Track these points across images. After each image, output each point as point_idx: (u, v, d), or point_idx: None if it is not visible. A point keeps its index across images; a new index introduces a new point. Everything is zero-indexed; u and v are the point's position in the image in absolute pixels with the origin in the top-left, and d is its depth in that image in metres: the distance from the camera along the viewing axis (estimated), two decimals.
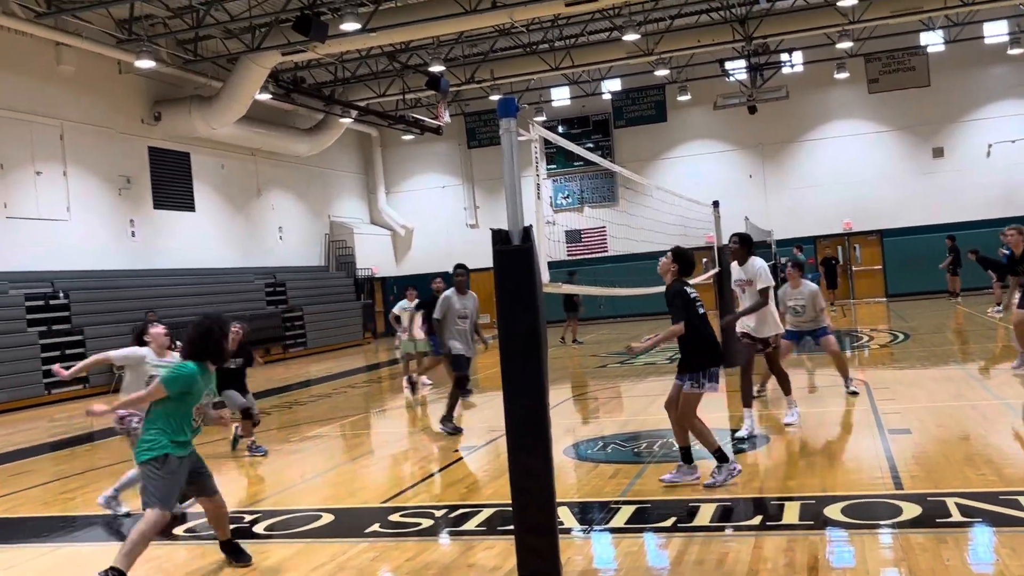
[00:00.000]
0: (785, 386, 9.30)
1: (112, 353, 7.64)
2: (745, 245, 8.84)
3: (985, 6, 24.58)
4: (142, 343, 7.62)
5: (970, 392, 10.73)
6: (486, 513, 6.71)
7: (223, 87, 23.49)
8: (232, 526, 6.05)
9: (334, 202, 33.04)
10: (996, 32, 28.53)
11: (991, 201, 28.50)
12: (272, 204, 29.30)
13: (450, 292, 10.61)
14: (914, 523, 5.65)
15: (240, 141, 26.70)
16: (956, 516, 5.70)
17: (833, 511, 6.01)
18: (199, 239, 25.56)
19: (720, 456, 6.92)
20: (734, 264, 8.96)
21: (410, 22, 21.01)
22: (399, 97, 29.22)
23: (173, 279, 23.49)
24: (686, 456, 7.13)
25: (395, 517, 6.88)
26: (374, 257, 33.56)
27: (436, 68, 25.34)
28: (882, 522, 5.73)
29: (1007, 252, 22.52)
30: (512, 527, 5.00)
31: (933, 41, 28.84)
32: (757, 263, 8.76)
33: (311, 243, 31.49)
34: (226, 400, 9.62)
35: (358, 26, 19.85)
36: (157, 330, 7.61)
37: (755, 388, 9.97)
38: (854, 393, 10.66)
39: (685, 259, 7.10)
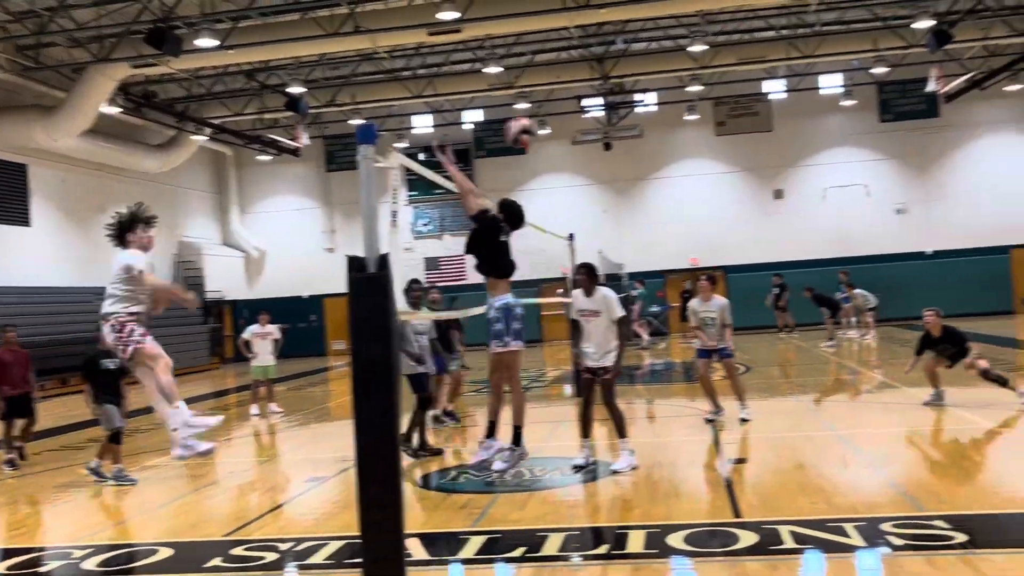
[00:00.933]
0: (620, 427, 8.87)
1: None
2: (591, 275, 8.97)
3: (822, 59, 26.27)
4: None
5: (805, 423, 11.30)
6: (334, 546, 6.57)
7: (67, 97, 22.36)
8: (59, 563, 5.70)
9: (184, 221, 31.89)
10: (832, 84, 30.50)
11: (826, 242, 30.30)
12: None
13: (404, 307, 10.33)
14: (750, 550, 5.88)
15: (84, 155, 25.45)
16: (789, 543, 5.97)
17: (676, 539, 6.19)
18: (35, 256, 24.15)
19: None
20: (577, 293, 9.03)
21: (269, 41, 20.65)
22: (256, 117, 28.62)
23: (4, 298, 22.08)
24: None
25: (238, 551, 6.64)
26: (225, 279, 32.54)
27: (296, 89, 24.96)
28: (720, 550, 5.95)
29: (842, 294, 24.15)
30: (360, 560, 4.91)
31: (775, 89, 30.53)
32: (607, 293, 8.93)
33: (158, 263, 30.22)
34: (103, 418, 9.07)
35: (215, 43, 19.36)
36: None
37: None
38: (745, 420, 10.98)
39: (511, 211, 8.02)
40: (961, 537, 5.80)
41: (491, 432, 7.74)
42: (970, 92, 28.50)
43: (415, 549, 6.29)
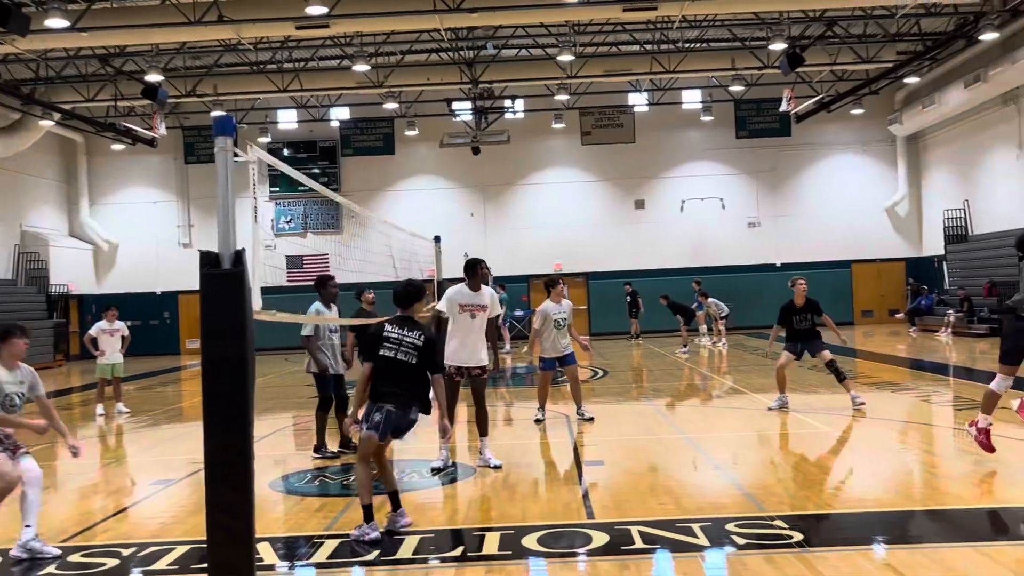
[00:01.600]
0: (485, 426, 9.06)
1: None
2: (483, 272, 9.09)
3: (684, 75, 27.21)
4: None
5: (657, 427, 11.64)
6: (180, 550, 6.35)
7: None
8: None
9: (28, 211, 30.13)
10: (692, 99, 31.62)
11: (683, 252, 31.37)
12: None
13: (318, 304, 9.90)
14: (603, 551, 6.01)
15: None
16: (639, 543, 6.13)
17: (530, 541, 6.27)
18: None
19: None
20: (462, 288, 8.99)
21: (127, 26, 19.80)
22: (110, 103, 27.36)
23: None
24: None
25: (76, 557, 6.32)
26: (72, 273, 30.93)
27: (154, 77, 23.99)
28: (573, 551, 6.06)
29: (697, 303, 25.08)
30: (207, 565, 4.77)
31: (639, 102, 31.42)
32: (492, 292, 9.13)
33: None
34: None
35: (66, 23, 18.38)
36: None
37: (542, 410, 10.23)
38: (590, 419, 11.49)
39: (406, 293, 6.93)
40: (798, 536, 6.10)
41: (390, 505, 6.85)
42: (819, 113, 30.08)
43: (266, 553, 6.15)
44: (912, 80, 28.41)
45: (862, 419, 11.12)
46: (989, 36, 22.00)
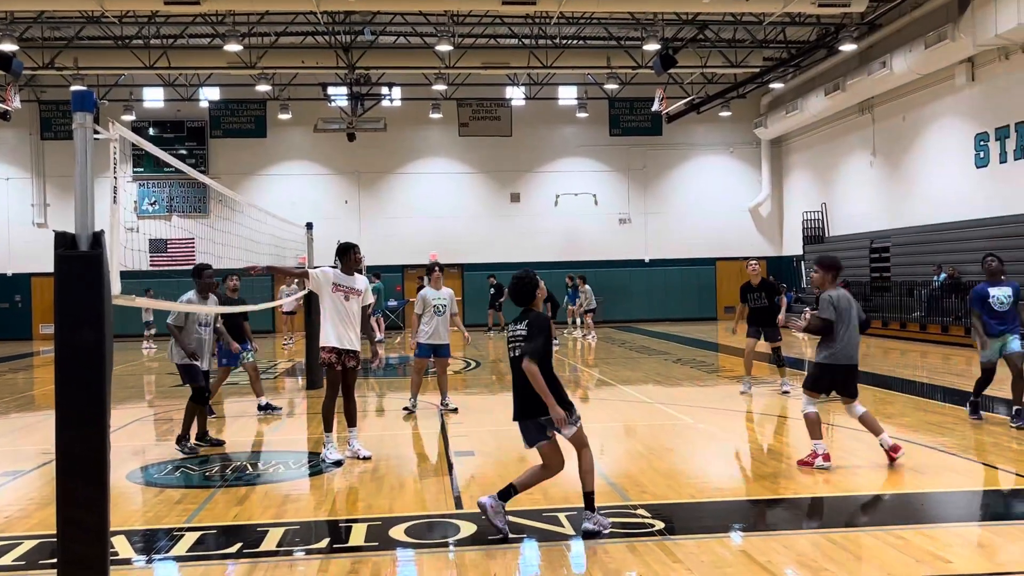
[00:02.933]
0: (354, 416, 8.92)
1: None
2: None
3: (560, 70, 27.55)
4: None
5: None
6: (28, 545, 6.04)
7: None
8: None
9: None
10: (568, 96, 32.06)
11: (557, 245, 31.81)
12: None
13: (192, 294, 9.53)
14: (470, 541, 6.05)
15: None
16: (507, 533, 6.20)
17: (397, 532, 6.25)
18: None
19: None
20: (335, 271, 8.84)
21: None
22: None
23: None
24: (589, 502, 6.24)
25: None
26: None
27: (8, 47, 22.61)
28: (440, 541, 6.08)
29: (569, 295, 25.53)
30: (57, 560, 4.56)
31: (516, 96, 31.64)
32: (364, 279, 9.03)
33: None
34: None
35: None
36: None
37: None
38: (454, 409, 11.63)
39: None
40: (659, 524, 6.30)
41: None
42: (689, 114, 31.01)
43: (122, 547, 5.93)
44: (777, 86, 29.65)
45: (722, 411, 11.55)
46: (848, 47, 23.17)
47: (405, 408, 11.70)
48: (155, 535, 6.33)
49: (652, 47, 23.31)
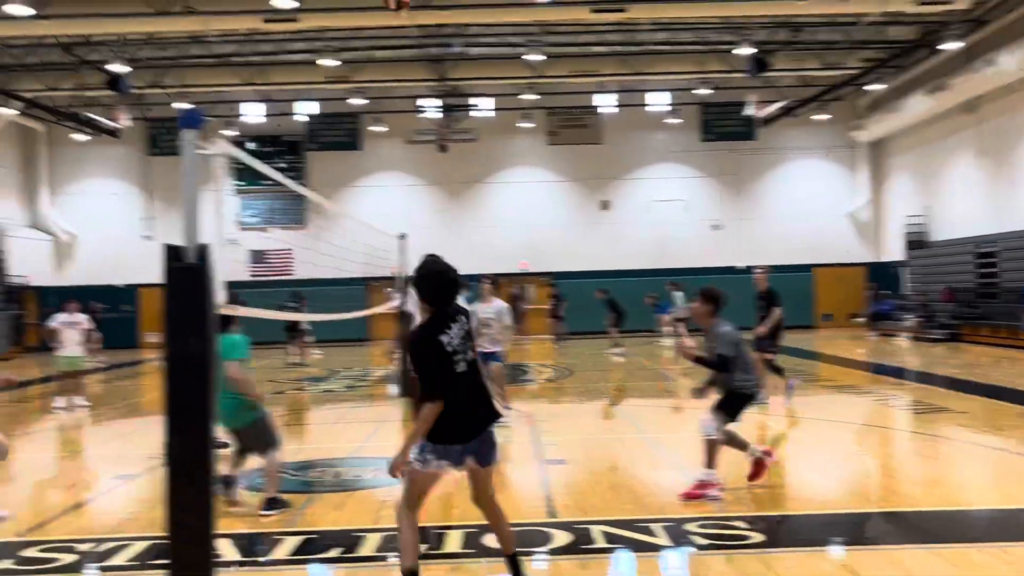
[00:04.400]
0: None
1: None
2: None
3: (651, 77, 27.36)
4: None
5: (619, 427, 11.70)
6: (139, 546, 6.28)
7: None
8: None
9: None
10: (658, 102, 31.79)
11: (647, 253, 31.54)
12: None
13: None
14: (564, 550, 6.04)
15: None
16: (600, 543, 6.17)
17: (492, 539, 6.25)
18: None
19: None
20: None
21: (92, 15, 19.53)
22: (73, 93, 26.93)
23: None
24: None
25: (32, 552, 6.23)
26: (31, 264, 30.42)
27: (119, 68, 23.66)
28: (535, 549, 6.08)
29: (665, 304, 25.31)
30: (167, 561, 4.72)
31: (606, 103, 31.52)
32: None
33: None
34: None
35: (30, 11, 18.07)
36: None
37: None
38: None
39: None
40: (758, 537, 6.17)
41: None
42: (784, 118, 30.39)
43: (226, 550, 6.10)
44: (876, 87, 28.82)
45: (822, 421, 11.26)
46: (952, 45, 22.37)
47: None
48: (257, 539, 6.50)
49: (745, 51, 22.98)
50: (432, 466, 5.12)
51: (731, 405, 7.46)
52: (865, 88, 29.28)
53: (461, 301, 9.30)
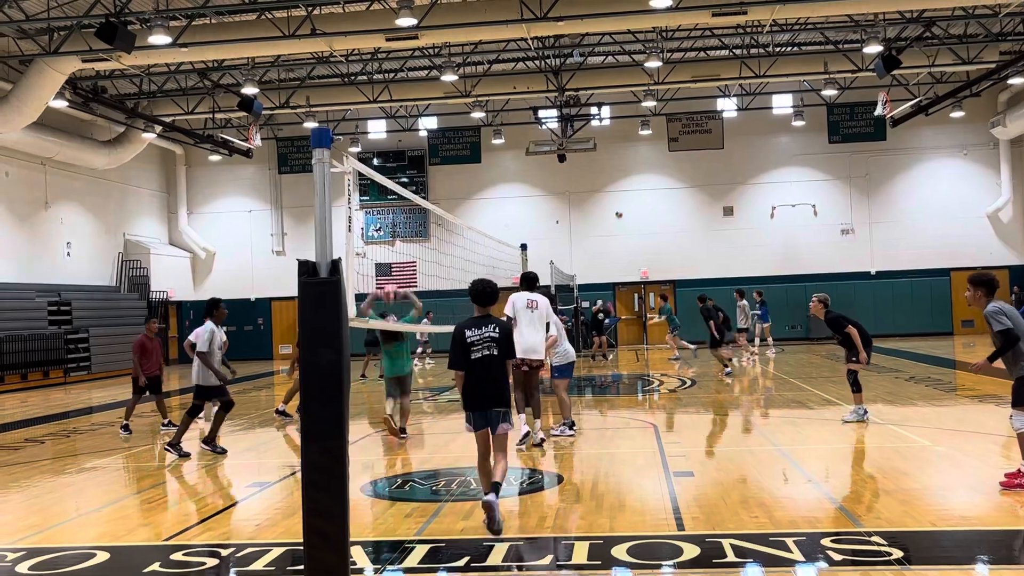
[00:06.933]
0: (537, 409, 10.77)
1: None
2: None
3: (774, 79, 26.73)
4: None
5: (748, 438, 11.44)
6: (276, 552, 6.50)
7: (12, 89, 21.87)
8: None
9: (131, 220, 31.38)
10: (782, 104, 31.04)
11: (772, 259, 30.80)
12: (61, 218, 27.50)
13: (211, 325, 10.99)
14: (693, 563, 5.93)
15: (28, 148, 24.96)
16: (731, 557, 6.04)
17: (620, 551, 6.23)
18: None
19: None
20: (523, 294, 10.61)
21: (224, 41, 20.43)
22: (208, 116, 28.29)
23: None
24: None
25: (178, 556, 6.54)
26: (171, 280, 32.05)
27: (250, 90, 24.71)
28: (664, 563, 6.00)
29: (763, 312, 24.83)
30: (302, 567, 4.88)
31: (728, 107, 30.98)
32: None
33: (102, 262, 29.72)
34: None
35: (168, 39, 19.08)
36: None
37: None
38: (541, 441, 10.70)
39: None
40: (897, 553, 5.92)
41: None
42: (916, 117, 29.19)
43: (359, 557, 6.25)
44: (1016, 81, 27.34)
45: (963, 432, 10.74)
46: None
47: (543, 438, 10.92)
48: (388, 546, 6.64)
49: (873, 49, 22.20)
50: (468, 429, 7.00)
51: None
52: (1005, 82, 27.83)
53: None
